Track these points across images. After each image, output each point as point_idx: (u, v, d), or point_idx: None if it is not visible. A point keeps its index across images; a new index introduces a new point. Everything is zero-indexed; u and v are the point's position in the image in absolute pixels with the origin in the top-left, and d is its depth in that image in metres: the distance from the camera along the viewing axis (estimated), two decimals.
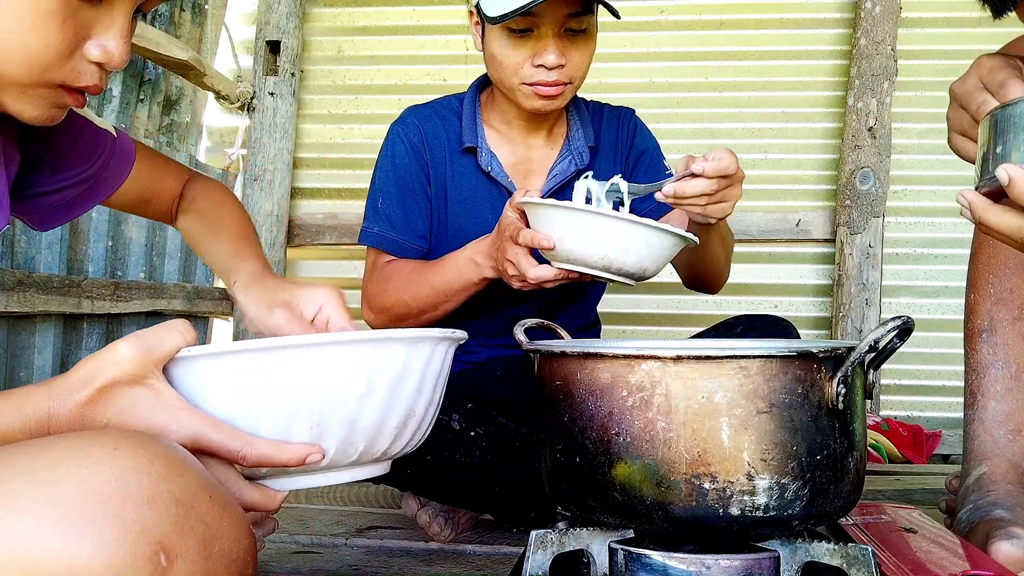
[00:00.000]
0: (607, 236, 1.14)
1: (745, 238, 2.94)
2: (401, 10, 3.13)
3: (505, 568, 1.26)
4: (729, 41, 2.98)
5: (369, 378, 0.75)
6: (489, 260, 1.31)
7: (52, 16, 0.73)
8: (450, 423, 1.28)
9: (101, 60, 0.78)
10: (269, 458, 0.73)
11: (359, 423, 0.76)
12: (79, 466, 0.58)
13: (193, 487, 0.61)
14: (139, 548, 0.56)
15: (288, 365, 0.73)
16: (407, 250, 1.49)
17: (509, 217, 1.25)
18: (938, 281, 2.87)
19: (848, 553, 0.87)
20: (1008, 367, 1.20)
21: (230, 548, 0.62)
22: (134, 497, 0.57)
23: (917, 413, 2.87)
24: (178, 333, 0.73)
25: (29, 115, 0.79)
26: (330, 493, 1.79)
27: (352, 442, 0.77)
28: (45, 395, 0.70)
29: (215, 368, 0.73)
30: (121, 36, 0.78)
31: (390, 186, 1.50)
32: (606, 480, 0.86)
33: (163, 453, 0.62)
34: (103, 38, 0.77)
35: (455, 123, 1.53)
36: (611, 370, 0.86)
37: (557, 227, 1.16)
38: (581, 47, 1.39)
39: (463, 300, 1.39)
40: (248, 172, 3.07)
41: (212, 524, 0.61)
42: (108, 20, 0.77)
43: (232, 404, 0.73)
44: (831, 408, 0.84)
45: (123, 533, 0.55)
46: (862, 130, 2.83)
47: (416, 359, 0.78)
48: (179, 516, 0.59)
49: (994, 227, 0.82)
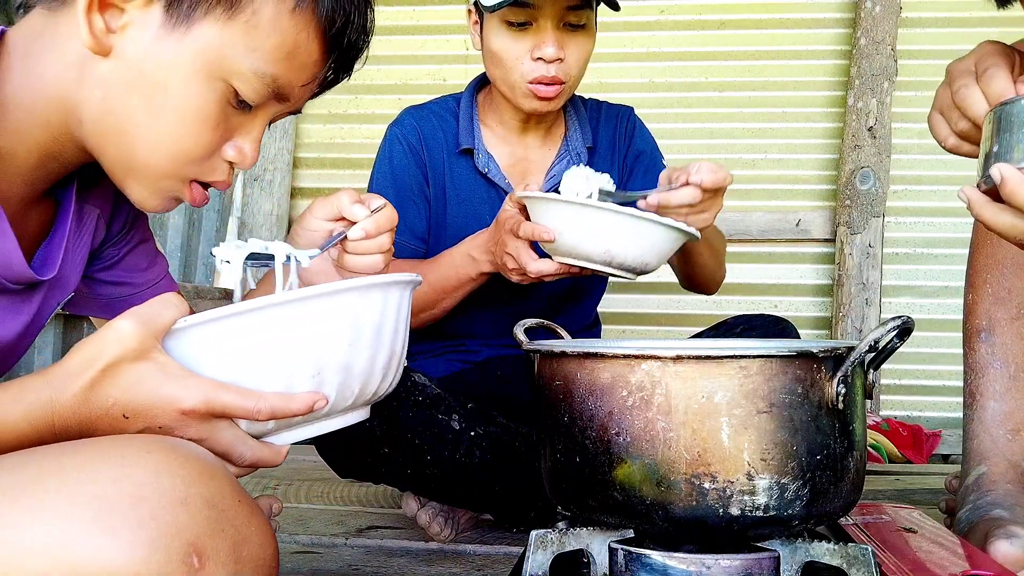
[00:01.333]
0: (609, 230, 1.14)
1: (745, 238, 2.94)
2: (401, 10, 3.13)
3: (505, 568, 1.26)
4: (729, 41, 2.98)
5: (355, 324, 0.79)
6: (487, 255, 1.31)
7: (210, 119, 0.79)
8: (450, 423, 1.28)
9: (235, 160, 0.84)
10: (280, 410, 0.74)
11: (354, 367, 0.79)
12: (112, 467, 0.58)
13: (223, 491, 0.62)
14: (173, 549, 0.56)
15: (282, 321, 0.75)
16: (405, 251, 1.49)
17: (508, 211, 1.25)
18: (938, 281, 2.87)
19: (848, 553, 0.87)
20: (1007, 367, 1.20)
21: (258, 552, 0.62)
22: (168, 499, 0.58)
23: (917, 413, 2.88)
24: (173, 306, 0.74)
25: (149, 204, 0.85)
26: (330, 493, 1.79)
27: (348, 386, 0.80)
28: (44, 383, 0.70)
29: (213, 334, 0.75)
30: (256, 141, 0.85)
31: (387, 187, 1.50)
32: (606, 480, 0.86)
33: (193, 457, 0.62)
34: (241, 141, 0.84)
35: (452, 124, 1.53)
36: (611, 370, 0.86)
37: (559, 221, 1.16)
38: (580, 43, 1.39)
39: (461, 297, 1.39)
40: (248, 172, 3.07)
41: (242, 528, 0.61)
42: (249, 125, 0.84)
43: (233, 367, 0.75)
44: (831, 408, 0.84)
45: (157, 535, 0.56)
46: (862, 130, 2.83)
47: (391, 302, 0.82)
48: (211, 519, 0.59)
49: (991, 224, 0.83)
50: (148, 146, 0.79)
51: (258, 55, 0.78)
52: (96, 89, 0.78)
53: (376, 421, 1.24)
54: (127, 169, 0.82)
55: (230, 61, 0.78)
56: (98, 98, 0.78)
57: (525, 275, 1.24)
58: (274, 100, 0.83)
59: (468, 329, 1.56)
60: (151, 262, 1.05)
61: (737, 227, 2.93)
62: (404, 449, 1.26)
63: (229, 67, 0.78)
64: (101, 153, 0.82)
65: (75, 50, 0.77)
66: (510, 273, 1.27)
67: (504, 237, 1.24)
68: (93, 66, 0.77)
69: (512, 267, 1.25)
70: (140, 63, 0.77)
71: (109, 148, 0.80)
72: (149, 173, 0.81)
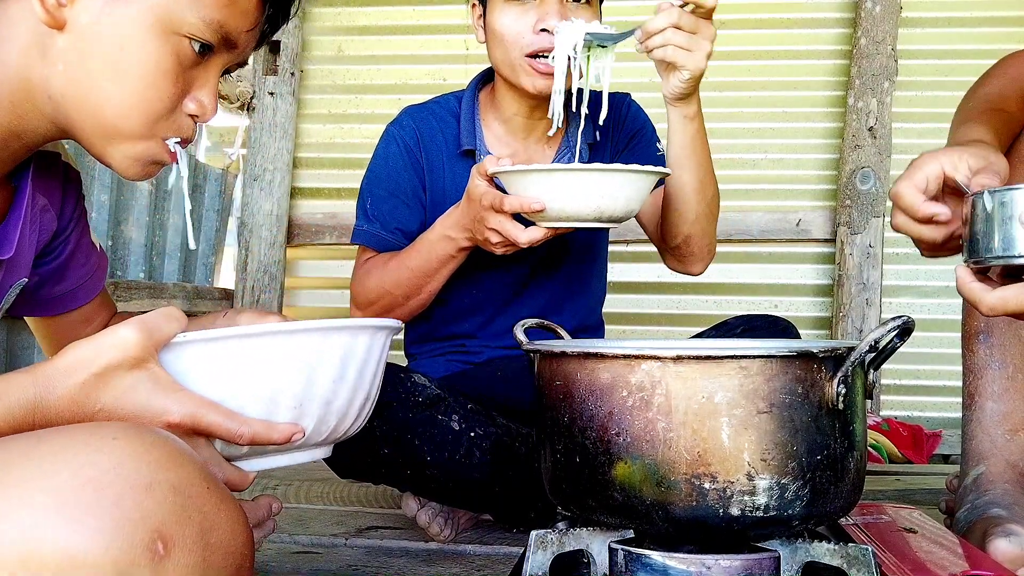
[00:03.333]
0: (597, 188, 1.17)
1: (745, 238, 2.94)
2: (401, 10, 3.13)
3: (505, 568, 1.26)
4: (729, 41, 2.98)
5: (343, 362, 0.82)
6: (464, 232, 1.30)
7: (169, 73, 0.83)
8: (450, 423, 1.28)
9: (197, 113, 0.87)
10: (261, 436, 0.77)
11: (334, 404, 0.82)
12: (76, 455, 0.58)
13: (191, 477, 0.61)
14: (137, 536, 0.56)
15: (275, 349, 0.78)
16: (394, 248, 1.48)
17: (482, 187, 1.24)
18: (938, 281, 2.87)
19: (848, 553, 0.87)
20: (1005, 368, 1.21)
21: (228, 539, 0.62)
22: (132, 485, 0.57)
23: (917, 413, 2.87)
24: (175, 320, 0.76)
25: (132, 171, 0.88)
26: (330, 493, 1.79)
27: (326, 421, 0.83)
28: (30, 382, 0.70)
29: (207, 353, 0.77)
30: (213, 92, 0.89)
31: (380, 186, 1.50)
32: (606, 480, 0.86)
33: (161, 443, 0.62)
34: (199, 93, 0.87)
35: (453, 124, 1.52)
36: (611, 370, 0.86)
37: (544, 189, 1.17)
38: (585, 17, 1.38)
39: (445, 277, 1.38)
40: (248, 172, 3.07)
41: (210, 514, 0.61)
42: (204, 78, 0.87)
43: (220, 387, 0.77)
44: (831, 408, 0.84)
45: (121, 521, 0.55)
46: (862, 130, 2.83)
47: (376, 345, 0.86)
48: (177, 505, 0.59)
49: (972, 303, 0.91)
50: (116, 110, 0.82)
51: (203, 4, 0.82)
52: (58, 63, 0.81)
53: (376, 422, 1.24)
54: (103, 138, 0.85)
55: (178, 14, 0.81)
56: (61, 72, 0.81)
57: (510, 246, 1.25)
58: (224, 48, 0.87)
59: (469, 330, 1.56)
60: (87, 255, 1.07)
61: (737, 227, 2.93)
62: (404, 449, 1.26)
63: (179, 19, 0.81)
64: (75, 127, 0.85)
65: (30, 30, 0.81)
66: (494, 247, 1.27)
67: (483, 213, 1.23)
68: (51, 42, 0.81)
69: (497, 241, 1.25)
70: (94, 30, 0.80)
71: (81, 119, 0.83)
72: (124, 137, 0.84)
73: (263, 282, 3.05)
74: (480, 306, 1.54)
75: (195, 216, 2.90)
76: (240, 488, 0.81)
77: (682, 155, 1.34)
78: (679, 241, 1.43)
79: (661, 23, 1.21)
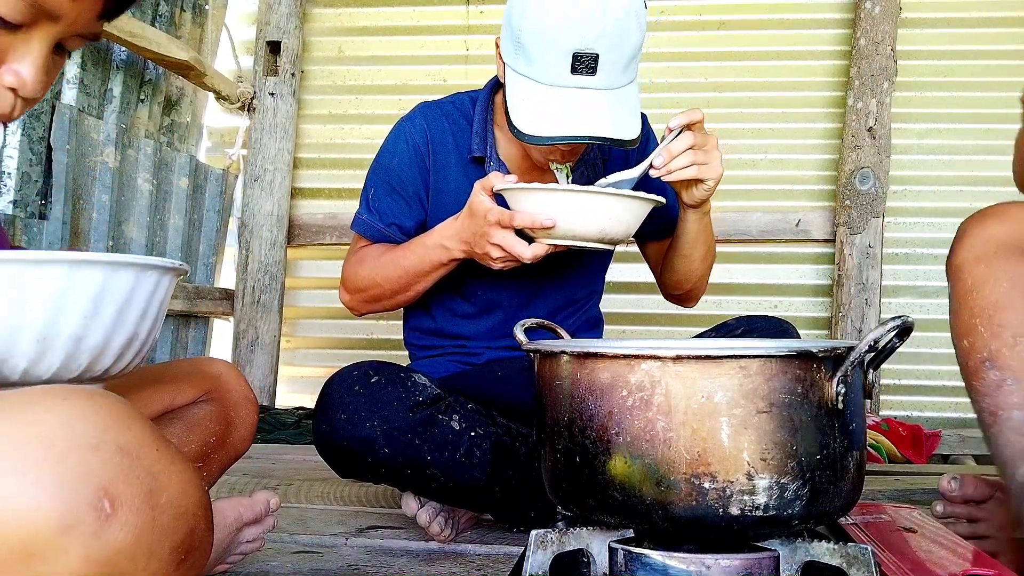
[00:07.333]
0: (605, 212, 1.22)
1: (745, 238, 2.94)
2: (401, 10, 3.13)
3: (505, 568, 1.26)
4: (729, 41, 2.98)
5: (97, 299, 0.77)
6: (461, 244, 1.33)
7: None
8: (450, 423, 1.28)
9: (15, 85, 0.80)
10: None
11: (85, 341, 0.78)
12: (23, 412, 0.59)
13: (140, 439, 0.62)
14: (82, 494, 0.56)
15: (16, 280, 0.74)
16: (388, 241, 1.50)
17: (486, 203, 1.26)
18: (938, 281, 2.88)
19: (848, 553, 0.87)
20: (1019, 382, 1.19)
21: (178, 500, 0.62)
22: (79, 444, 0.58)
23: (917, 413, 2.88)
24: None
25: None
26: (330, 493, 1.80)
27: (76, 358, 0.79)
28: None
29: None
30: (35, 64, 0.80)
31: (383, 179, 1.52)
32: (606, 480, 0.86)
33: (110, 405, 0.62)
34: (17, 64, 0.79)
35: (465, 128, 1.52)
36: (611, 370, 0.86)
37: (554, 209, 1.22)
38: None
39: (434, 280, 1.42)
40: (248, 172, 3.08)
41: (159, 475, 0.61)
42: (24, 48, 0.79)
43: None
44: (831, 408, 0.84)
45: (66, 478, 0.56)
46: (862, 130, 2.83)
47: (143, 286, 0.80)
48: (124, 465, 0.59)
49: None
50: None
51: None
52: None
53: (376, 421, 1.24)
54: None
55: None
56: None
57: (511, 262, 1.28)
58: (45, 19, 0.79)
59: (470, 330, 1.56)
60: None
61: (737, 227, 2.94)
62: (404, 449, 1.26)
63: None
64: None
65: None
66: (492, 262, 1.30)
67: (488, 229, 1.25)
68: None
69: (498, 256, 1.28)
70: None
71: None
72: None
73: (263, 282, 3.06)
74: (482, 307, 1.54)
75: (195, 216, 2.90)
76: None
77: (697, 240, 1.46)
78: (681, 292, 1.60)
79: (680, 147, 1.28)
